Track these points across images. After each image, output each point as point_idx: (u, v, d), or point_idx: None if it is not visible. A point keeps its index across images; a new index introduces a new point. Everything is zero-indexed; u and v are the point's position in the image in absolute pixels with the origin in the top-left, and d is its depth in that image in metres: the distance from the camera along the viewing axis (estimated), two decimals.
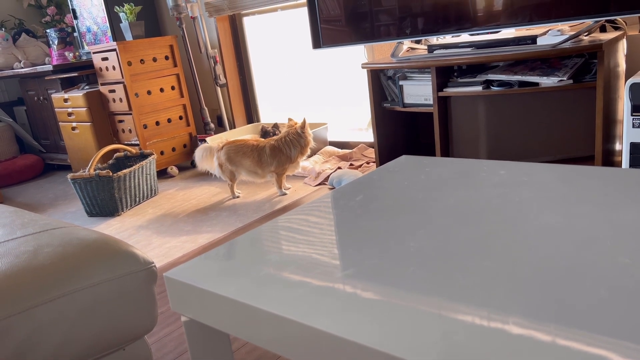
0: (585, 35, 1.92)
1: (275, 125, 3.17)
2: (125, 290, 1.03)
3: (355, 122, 3.23)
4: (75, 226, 1.17)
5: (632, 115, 1.70)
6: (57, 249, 1.02)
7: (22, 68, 3.66)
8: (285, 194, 2.60)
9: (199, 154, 2.62)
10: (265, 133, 3.16)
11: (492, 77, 2.00)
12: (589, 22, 1.86)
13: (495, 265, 0.61)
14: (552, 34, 2.00)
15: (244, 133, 3.29)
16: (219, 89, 3.39)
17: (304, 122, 2.51)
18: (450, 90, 2.09)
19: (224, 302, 0.62)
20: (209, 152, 2.60)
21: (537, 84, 1.91)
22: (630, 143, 1.72)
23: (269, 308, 0.58)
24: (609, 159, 1.97)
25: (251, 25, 3.43)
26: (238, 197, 2.67)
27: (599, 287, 0.54)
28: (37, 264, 0.97)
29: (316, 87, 3.31)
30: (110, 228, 2.47)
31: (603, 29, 2.05)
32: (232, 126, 3.53)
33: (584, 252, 0.61)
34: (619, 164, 2.05)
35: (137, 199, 2.75)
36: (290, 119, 2.54)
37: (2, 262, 0.96)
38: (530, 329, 0.49)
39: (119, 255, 1.04)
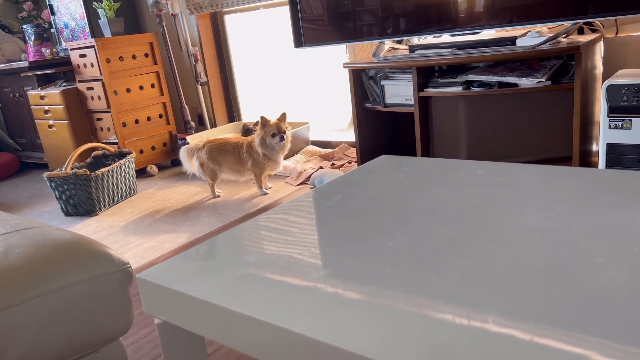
0: (564, 37, 1.95)
1: (257, 123, 3.13)
2: (100, 291, 1.01)
3: (336, 121, 3.23)
4: (49, 226, 1.15)
5: (608, 116, 1.72)
6: (29, 249, 1.00)
7: None
8: (266, 193, 2.59)
9: (183, 155, 2.59)
10: (247, 131, 3.14)
11: (472, 77, 2.01)
12: (567, 24, 1.88)
13: (472, 265, 0.60)
14: (531, 36, 2.02)
15: (225, 132, 3.26)
16: (199, 87, 3.35)
17: (284, 116, 2.46)
18: (431, 91, 2.10)
19: (197, 304, 0.61)
20: (191, 152, 2.57)
21: (516, 84, 1.92)
22: (607, 144, 1.74)
23: (243, 310, 0.57)
24: (586, 160, 2.00)
25: (233, 23, 3.41)
26: (219, 196, 2.64)
27: (574, 287, 0.54)
28: (7, 265, 0.94)
29: (298, 86, 3.30)
30: (87, 228, 2.43)
31: (581, 32, 2.08)
32: (213, 125, 3.50)
33: (560, 252, 0.62)
34: (595, 164, 2.08)
35: (116, 199, 2.71)
36: (262, 117, 2.45)
37: None
38: (507, 327, 0.49)
39: (93, 255, 1.02)
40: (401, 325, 0.51)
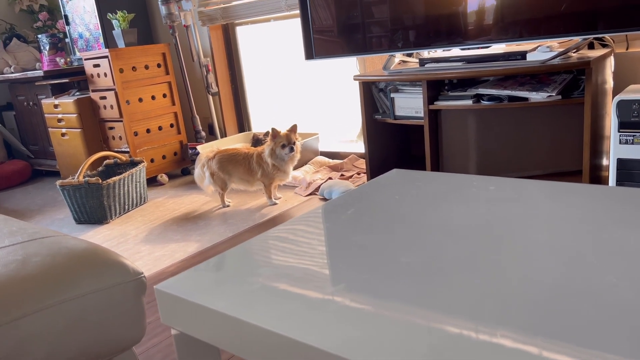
0: (574, 52, 1.96)
1: (267, 134, 3.14)
2: (114, 300, 1.02)
3: (345, 133, 3.25)
4: (65, 235, 1.16)
5: (619, 131, 1.73)
6: (46, 258, 1.01)
7: (12, 73, 3.64)
8: (275, 203, 2.60)
9: (197, 174, 2.64)
10: (256, 141, 3.16)
11: (482, 91, 2.02)
12: (578, 39, 1.89)
13: (485, 282, 0.61)
14: (541, 50, 2.03)
15: (235, 141, 3.29)
16: (210, 97, 3.39)
17: (295, 127, 2.49)
18: (441, 104, 2.11)
19: (214, 315, 0.62)
20: (200, 164, 2.60)
21: (526, 99, 1.93)
22: (617, 159, 1.74)
23: (259, 322, 0.58)
24: (597, 174, 2.00)
25: (244, 34, 3.45)
26: (228, 206, 2.66)
27: (586, 305, 0.55)
28: (25, 274, 0.96)
29: (307, 97, 3.33)
30: (99, 236, 2.45)
31: (591, 46, 2.09)
32: (223, 134, 3.53)
33: (572, 269, 0.62)
34: (606, 179, 2.08)
35: (126, 207, 2.73)
36: (273, 129, 2.48)
37: None
38: (519, 343, 0.49)
39: (109, 265, 1.04)
40: (415, 339, 0.52)
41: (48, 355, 0.93)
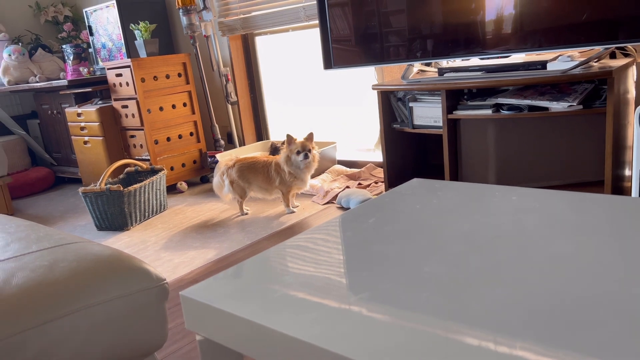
0: (595, 62, 1.94)
1: (310, 137, 3.06)
2: (138, 306, 1.04)
3: (363, 141, 3.26)
4: (90, 241, 1.19)
5: None
6: (72, 264, 1.04)
7: (37, 82, 3.73)
8: (293, 212, 2.62)
9: (216, 183, 2.67)
10: (274, 150, 3.18)
11: (502, 100, 2.01)
12: (599, 48, 1.88)
13: (510, 294, 0.61)
14: (562, 60, 2.02)
15: (254, 150, 3.32)
16: (229, 106, 3.43)
17: (311, 135, 2.50)
18: (460, 113, 2.11)
19: (239, 322, 0.63)
20: (220, 172, 2.63)
21: (547, 108, 1.92)
22: None
23: (284, 329, 0.59)
24: (619, 185, 1.97)
25: (263, 44, 3.49)
26: (247, 214, 2.68)
27: (613, 317, 0.55)
28: (52, 279, 0.98)
29: (325, 106, 3.34)
30: (119, 242, 2.49)
31: (613, 56, 2.07)
32: (242, 143, 3.56)
33: (597, 282, 0.62)
34: (628, 190, 2.05)
35: (147, 214, 2.77)
36: (288, 135, 2.49)
37: (18, 276, 0.98)
38: (544, 356, 0.49)
39: (133, 271, 1.06)
40: (438, 350, 0.52)
41: (74, 359, 0.95)
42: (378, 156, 3.10)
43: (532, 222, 0.81)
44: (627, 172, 2.05)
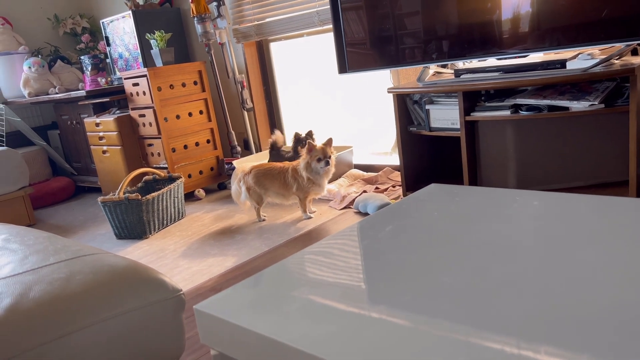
0: (617, 59, 1.89)
1: (309, 134, 3.04)
2: (155, 318, 1.03)
3: (379, 145, 3.23)
4: (106, 252, 1.19)
5: None
6: (89, 276, 1.04)
7: (56, 94, 3.78)
8: (310, 217, 2.60)
9: (234, 190, 2.67)
10: (297, 141, 3.06)
11: (520, 101, 1.97)
12: (620, 45, 1.83)
13: (535, 303, 0.59)
14: (582, 58, 1.97)
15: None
16: (245, 113, 3.43)
17: (330, 141, 2.48)
18: (477, 115, 2.07)
19: (254, 337, 0.62)
20: (237, 179, 2.63)
21: (567, 108, 1.88)
22: None
23: (299, 346, 0.58)
24: None
25: (278, 50, 3.49)
26: (264, 220, 2.68)
27: None
28: (70, 292, 0.98)
29: (341, 110, 3.33)
30: (138, 251, 2.50)
31: (635, 52, 2.01)
32: (258, 149, 3.57)
33: (628, 289, 0.59)
34: None
35: (165, 222, 2.79)
36: (309, 142, 2.48)
37: (36, 289, 0.98)
38: None
39: (149, 283, 1.05)
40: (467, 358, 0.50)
41: None
42: (395, 160, 3.07)
43: (555, 228, 0.78)
44: None
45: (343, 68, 2.41)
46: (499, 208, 0.90)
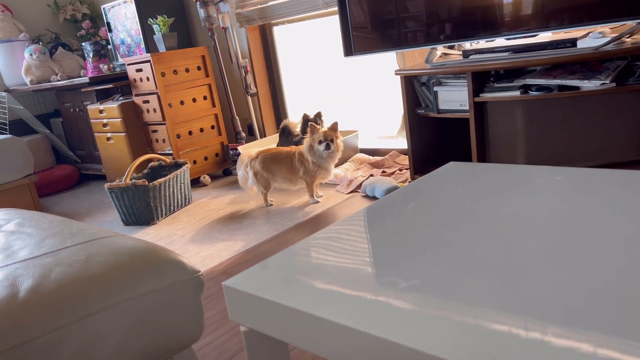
0: (628, 37, 1.88)
1: (318, 114, 3.01)
2: (175, 299, 1.03)
3: (385, 129, 3.22)
4: (123, 235, 1.19)
5: None
6: (108, 258, 1.04)
7: (58, 81, 3.76)
8: (317, 201, 2.60)
9: (239, 167, 2.66)
10: (306, 122, 3.03)
11: (530, 81, 1.96)
12: (632, 23, 1.81)
13: (570, 277, 0.59)
14: (593, 37, 1.95)
15: (275, 141, 3.30)
16: (249, 98, 3.41)
17: (336, 125, 2.48)
18: (486, 96, 2.06)
19: (286, 312, 0.62)
20: (244, 164, 2.63)
21: (577, 88, 1.86)
22: None
23: (334, 318, 0.58)
24: None
25: (281, 34, 3.46)
26: (271, 205, 2.67)
27: None
28: (90, 273, 0.98)
29: (345, 94, 3.31)
30: (147, 237, 2.51)
31: None
32: (263, 135, 3.55)
33: None
34: None
35: (172, 208, 2.78)
36: (312, 125, 2.47)
37: (56, 272, 0.98)
38: (610, 346, 0.47)
39: (168, 264, 1.05)
40: (496, 335, 0.50)
41: (116, 352, 0.95)
42: (401, 143, 3.06)
43: (583, 202, 0.78)
44: None
45: (349, 51, 2.39)
46: (523, 184, 0.89)
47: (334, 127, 2.47)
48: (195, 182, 3.31)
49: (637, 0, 1.66)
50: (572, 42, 1.91)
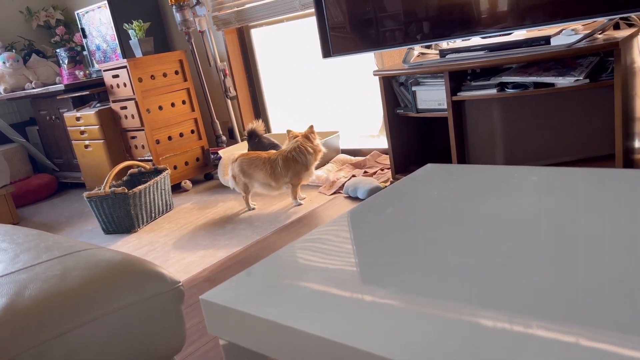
0: (600, 34, 1.90)
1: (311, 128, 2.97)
2: (154, 311, 1.02)
3: (366, 128, 3.22)
4: (100, 247, 1.17)
5: None
6: (85, 272, 1.02)
7: (33, 88, 3.69)
8: (300, 204, 2.60)
9: (220, 171, 2.66)
10: (251, 135, 2.98)
11: (506, 79, 1.98)
12: (603, 20, 1.84)
13: (540, 277, 0.59)
14: (565, 34, 1.98)
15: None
16: (229, 101, 3.39)
17: (312, 128, 2.52)
18: (464, 94, 2.07)
19: (265, 324, 0.61)
20: (225, 165, 2.61)
21: (552, 84, 1.89)
22: None
23: (310, 329, 0.57)
24: (630, 157, 1.95)
25: (259, 36, 3.44)
26: (253, 209, 2.66)
27: None
28: (66, 288, 0.96)
29: (326, 95, 3.31)
30: (128, 245, 2.47)
31: (617, 26, 2.03)
32: (244, 138, 3.53)
33: (630, 260, 0.60)
34: (639, 162, 2.02)
35: (153, 215, 2.75)
36: (289, 131, 2.56)
37: (31, 288, 0.96)
38: (588, 341, 0.47)
39: (147, 276, 1.04)
40: (477, 339, 0.50)
41: None
42: (382, 142, 3.07)
43: (557, 202, 0.78)
44: (637, 144, 2.02)
45: (327, 52, 2.39)
46: (499, 185, 0.90)
47: (310, 130, 2.50)
48: (177, 188, 3.28)
49: None
50: (546, 40, 1.93)
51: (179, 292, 1.06)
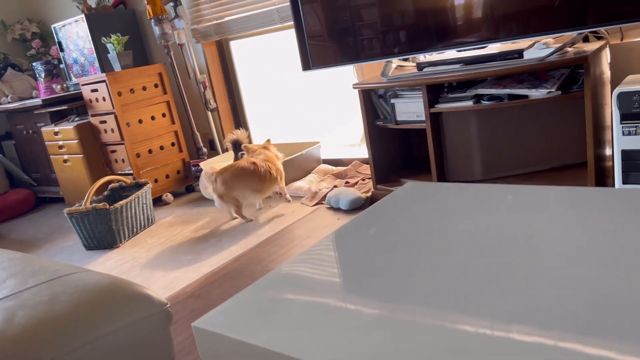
0: (570, 47, 1.98)
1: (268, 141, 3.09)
2: (143, 333, 1.03)
3: (348, 137, 3.26)
4: (87, 270, 1.18)
5: (621, 123, 1.75)
6: (73, 296, 1.03)
7: (9, 103, 3.64)
8: (289, 200, 2.69)
9: (201, 184, 2.68)
10: (235, 145, 3.06)
11: (481, 91, 2.04)
12: (573, 34, 1.91)
13: (520, 297, 0.63)
14: (538, 47, 2.05)
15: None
16: (209, 113, 3.40)
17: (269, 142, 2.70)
18: (441, 107, 2.13)
19: (257, 351, 0.63)
20: (207, 179, 2.61)
21: (526, 96, 1.95)
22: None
23: (303, 357, 0.60)
24: (601, 165, 2.02)
25: (239, 49, 3.46)
26: (252, 220, 2.65)
27: (632, 314, 0.56)
28: (55, 314, 0.97)
29: (306, 106, 3.34)
30: (110, 261, 2.46)
31: (586, 39, 2.11)
32: (225, 150, 3.54)
33: (612, 278, 0.64)
34: (610, 169, 2.10)
35: (135, 230, 2.74)
36: (245, 146, 2.73)
37: (20, 315, 0.96)
38: (566, 354, 0.51)
39: (135, 299, 1.05)
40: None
41: None
42: (364, 152, 3.11)
43: (535, 221, 0.83)
44: (608, 152, 2.10)
45: (307, 65, 2.42)
46: (477, 204, 0.94)
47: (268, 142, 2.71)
48: (158, 201, 3.27)
49: (577, 12, 1.75)
50: (519, 53, 1.99)
51: (167, 313, 1.08)
